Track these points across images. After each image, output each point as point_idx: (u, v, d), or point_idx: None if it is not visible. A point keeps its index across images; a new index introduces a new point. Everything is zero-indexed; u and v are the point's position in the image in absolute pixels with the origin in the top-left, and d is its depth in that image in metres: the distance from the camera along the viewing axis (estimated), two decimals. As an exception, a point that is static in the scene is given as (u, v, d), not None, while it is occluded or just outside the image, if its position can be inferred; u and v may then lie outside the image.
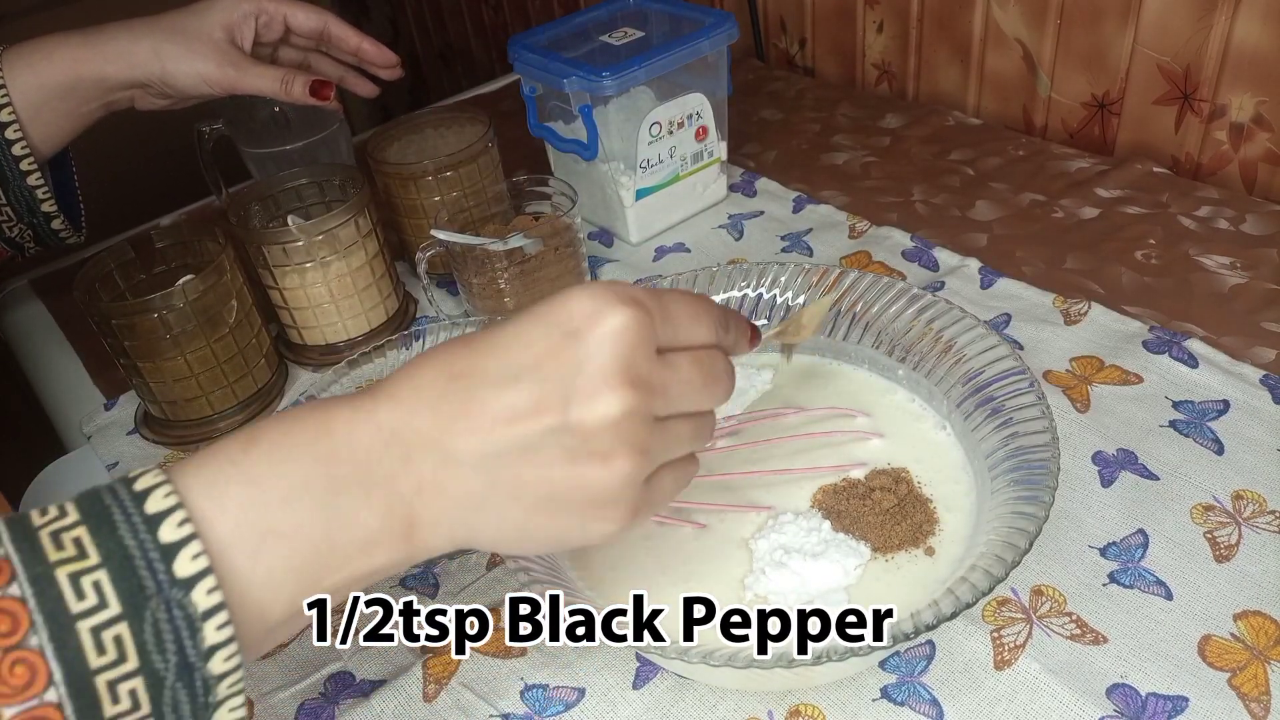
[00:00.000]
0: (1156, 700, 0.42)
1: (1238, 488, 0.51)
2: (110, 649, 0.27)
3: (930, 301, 0.51)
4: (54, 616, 0.27)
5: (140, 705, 0.28)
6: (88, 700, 0.27)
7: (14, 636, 0.26)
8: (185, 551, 0.28)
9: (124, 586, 0.28)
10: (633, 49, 0.78)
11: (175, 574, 0.28)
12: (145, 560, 0.28)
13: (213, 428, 0.65)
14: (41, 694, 0.26)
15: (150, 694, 0.28)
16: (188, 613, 0.28)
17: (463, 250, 0.67)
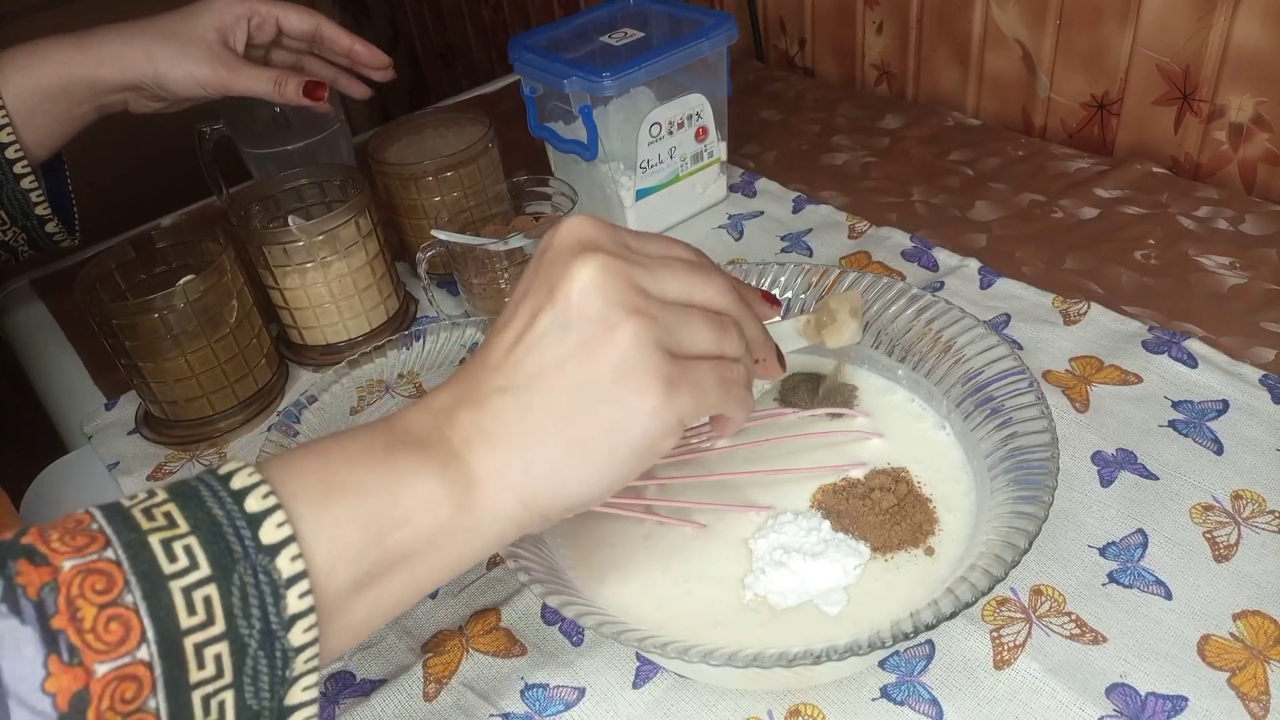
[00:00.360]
0: (1156, 700, 0.42)
1: (1237, 488, 0.51)
2: (200, 609, 0.28)
3: (930, 301, 0.51)
4: (147, 576, 0.28)
5: (224, 673, 0.28)
6: (176, 661, 0.27)
7: (110, 594, 0.27)
8: (270, 520, 0.29)
9: (213, 550, 0.29)
10: (633, 49, 0.78)
11: (261, 540, 0.29)
12: (233, 527, 0.29)
13: (213, 428, 0.65)
14: (134, 651, 0.27)
15: (234, 660, 0.28)
16: (272, 578, 0.29)
17: (463, 250, 0.67)
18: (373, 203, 0.70)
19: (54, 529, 0.28)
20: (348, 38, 0.70)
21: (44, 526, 0.28)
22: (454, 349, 0.70)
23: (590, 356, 0.33)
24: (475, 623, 0.51)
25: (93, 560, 0.27)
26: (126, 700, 0.27)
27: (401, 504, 0.32)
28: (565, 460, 0.34)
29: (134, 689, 0.27)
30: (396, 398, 0.67)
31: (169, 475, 0.64)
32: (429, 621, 0.51)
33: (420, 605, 0.52)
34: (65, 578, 0.27)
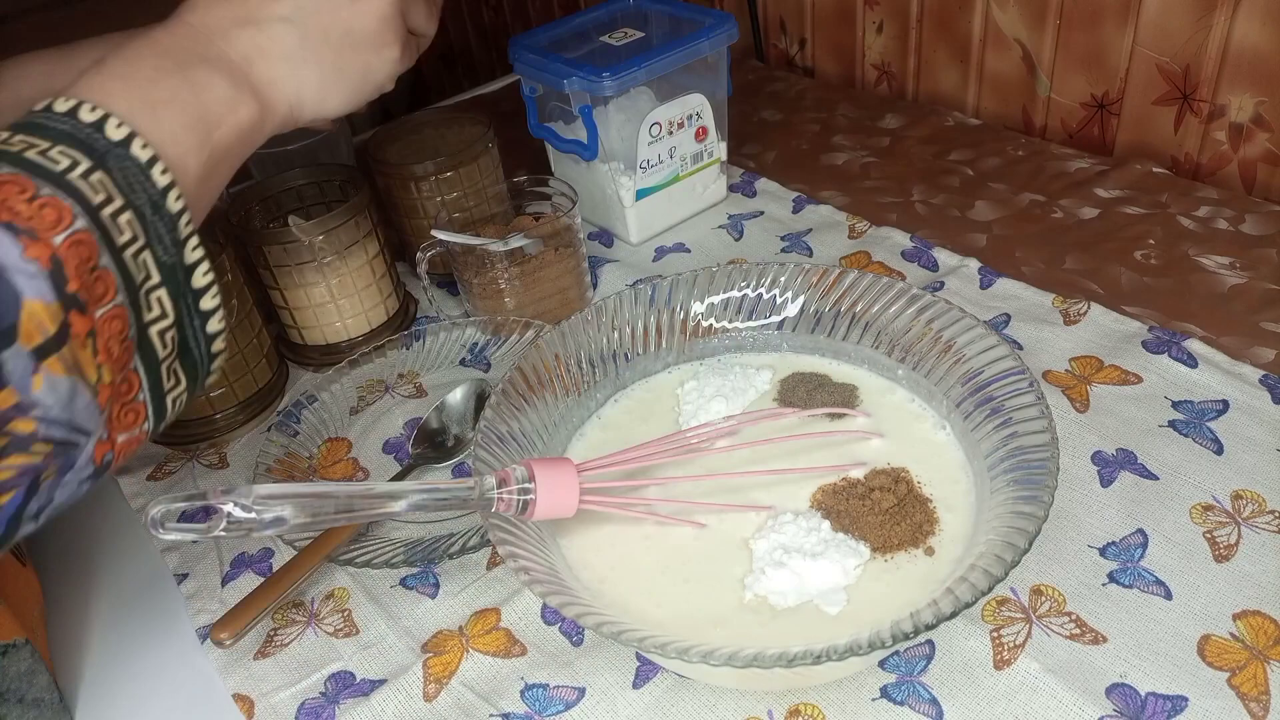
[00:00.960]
0: (1156, 700, 0.42)
1: (1237, 488, 0.51)
2: (100, 190, 0.36)
3: (930, 301, 0.51)
4: (48, 176, 0.35)
5: (138, 236, 0.37)
6: (103, 229, 0.35)
7: (29, 192, 0.34)
8: (108, 124, 0.37)
9: (81, 149, 0.36)
10: (633, 49, 0.78)
11: (110, 138, 0.37)
12: (83, 134, 0.36)
13: (213, 427, 0.65)
14: (72, 225, 0.34)
15: (140, 224, 0.37)
16: (136, 162, 0.37)
17: (463, 250, 0.67)
18: (373, 203, 0.70)
19: None
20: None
21: None
22: (454, 349, 0.70)
23: (360, 12, 0.46)
24: (475, 623, 0.51)
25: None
26: (85, 260, 0.35)
27: (210, 108, 0.41)
28: (329, 84, 0.46)
29: (87, 251, 0.35)
30: (396, 397, 0.67)
31: (169, 475, 0.64)
32: (429, 621, 0.51)
33: (420, 605, 0.52)
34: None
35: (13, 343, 0.32)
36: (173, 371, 0.39)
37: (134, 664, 0.52)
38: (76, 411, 0.34)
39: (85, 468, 0.36)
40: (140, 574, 0.58)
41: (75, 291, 0.34)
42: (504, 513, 0.42)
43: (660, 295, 0.55)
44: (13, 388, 0.32)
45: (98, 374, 0.35)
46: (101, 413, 0.36)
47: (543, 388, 0.51)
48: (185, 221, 0.39)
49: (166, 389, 0.39)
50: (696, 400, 0.53)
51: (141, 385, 0.38)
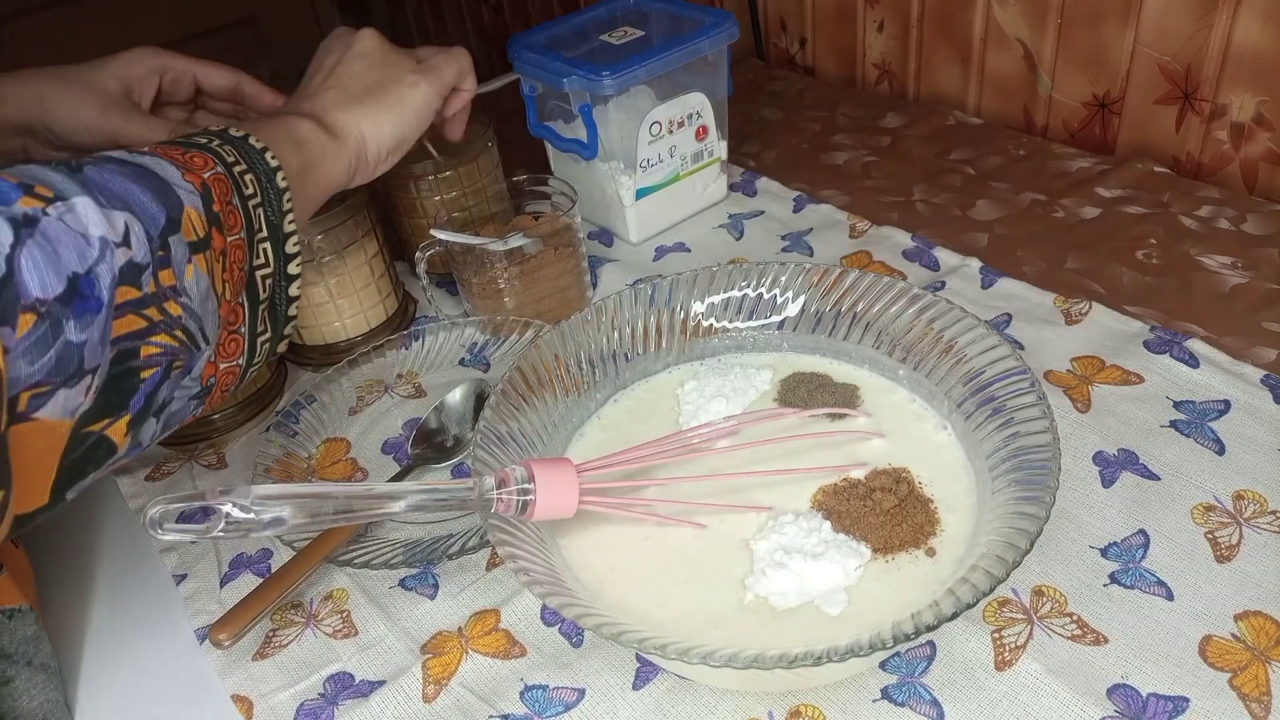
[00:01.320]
0: (1157, 700, 0.42)
1: (1239, 488, 0.51)
2: (232, 155, 0.46)
3: (931, 301, 0.51)
4: (193, 145, 0.46)
5: (257, 193, 0.47)
6: (233, 180, 0.45)
7: (180, 149, 0.45)
8: (230, 128, 0.48)
9: (214, 136, 0.47)
10: (633, 48, 0.78)
11: (233, 134, 0.48)
12: (214, 132, 0.48)
13: (211, 427, 0.65)
14: (214, 168, 0.44)
15: (258, 186, 0.47)
16: (254, 149, 0.48)
17: (463, 250, 0.67)
18: (372, 202, 0.70)
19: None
20: (271, 94, 0.68)
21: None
22: (453, 349, 0.70)
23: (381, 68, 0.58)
24: (475, 624, 0.50)
25: (154, 147, 0.44)
26: (224, 195, 0.44)
27: (297, 134, 0.52)
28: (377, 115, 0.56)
29: (224, 188, 0.44)
30: (395, 397, 0.67)
31: (167, 476, 0.64)
32: (428, 622, 0.51)
33: (419, 606, 0.52)
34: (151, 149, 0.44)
35: (176, 232, 0.41)
36: (264, 316, 0.48)
37: (132, 664, 0.52)
38: (207, 314, 0.42)
39: (196, 380, 0.43)
40: (139, 575, 0.58)
41: (218, 212, 0.43)
42: (504, 513, 0.42)
43: (660, 295, 0.55)
44: (173, 269, 0.40)
45: (222, 288, 0.44)
46: (219, 328, 0.44)
47: (543, 388, 0.51)
48: (287, 199, 0.48)
49: (258, 331, 0.47)
50: (697, 400, 0.53)
51: (244, 319, 0.46)
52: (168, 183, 0.41)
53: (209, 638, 0.48)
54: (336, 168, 0.54)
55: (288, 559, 0.52)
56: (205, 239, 0.42)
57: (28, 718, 0.48)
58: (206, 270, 0.42)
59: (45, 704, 0.49)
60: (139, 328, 0.39)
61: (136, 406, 0.39)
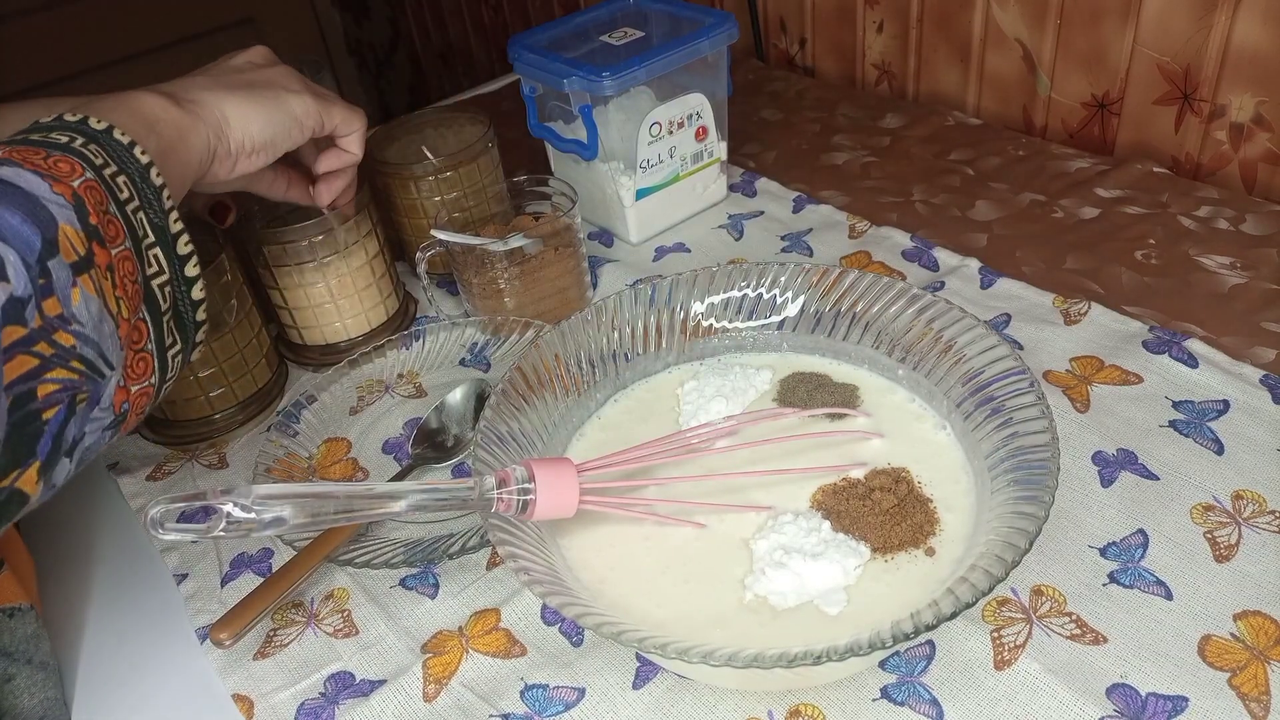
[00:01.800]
0: (1156, 700, 0.42)
1: (1238, 488, 0.51)
2: (99, 156, 0.42)
3: (930, 301, 0.51)
4: (55, 146, 0.41)
5: (134, 196, 0.43)
6: (107, 184, 0.41)
7: (41, 153, 0.40)
8: (91, 120, 0.43)
9: (75, 132, 0.43)
10: (633, 49, 0.78)
11: (94, 128, 0.43)
12: (72, 124, 0.43)
13: (212, 427, 0.65)
14: (84, 175, 0.40)
15: (134, 188, 0.43)
16: (120, 144, 0.43)
17: (463, 250, 0.67)
18: (372, 202, 0.70)
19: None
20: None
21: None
22: (454, 349, 0.70)
23: (263, 70, 0.56)
24: (475, 623, 0.50)
25: (9, 149, 0.39)
26: (100, 204, 0.40)
27: (146, 114, 0.47)
28: (248, 106, 0.52)
29: (99, 196, 0.40)
30: (396, 397, 0.67)
31: (168, 475, 0.64)
32: (429, 622, 0.51)
33: (420, 605, 0.52)
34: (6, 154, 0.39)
35: (55, 254, 0.37)
36: (170, 328, 0.45)
37: (133, 664, 0.52)
38: (104, 337, 0.39)
39: (107, 410, 0.40)
40: (139, 574, 0.58)
41: (96, 225, 0.40)
42: (504, 513, 0.42)
43: (660, 295, 0.55)
44: (57, 297, 0.37)
45: (117, 306, 0.40)
46: (121, 350, 0.40)
47: (543, 388, 0.51)
48: (166, 196, 0.44)
49: (167, 344, 0.44)
50: (696, 400, 0.53)
51: (149, 335, 0.43)
52: (35, 198, 0.37)
53: (210, 637, 0.48)
54: (193, 149, 0.49)
55: (288, 558, 0.52)
56: (87, 256, 0.38)
57: (28, 715, 0.48)
58: (95, 291, 0.38)
59: (45, 702, 0.49)
60: (31, 367, 0.36)
61: (45, 451, 0.37)
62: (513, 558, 0.40)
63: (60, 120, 0.43)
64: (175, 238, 0.45)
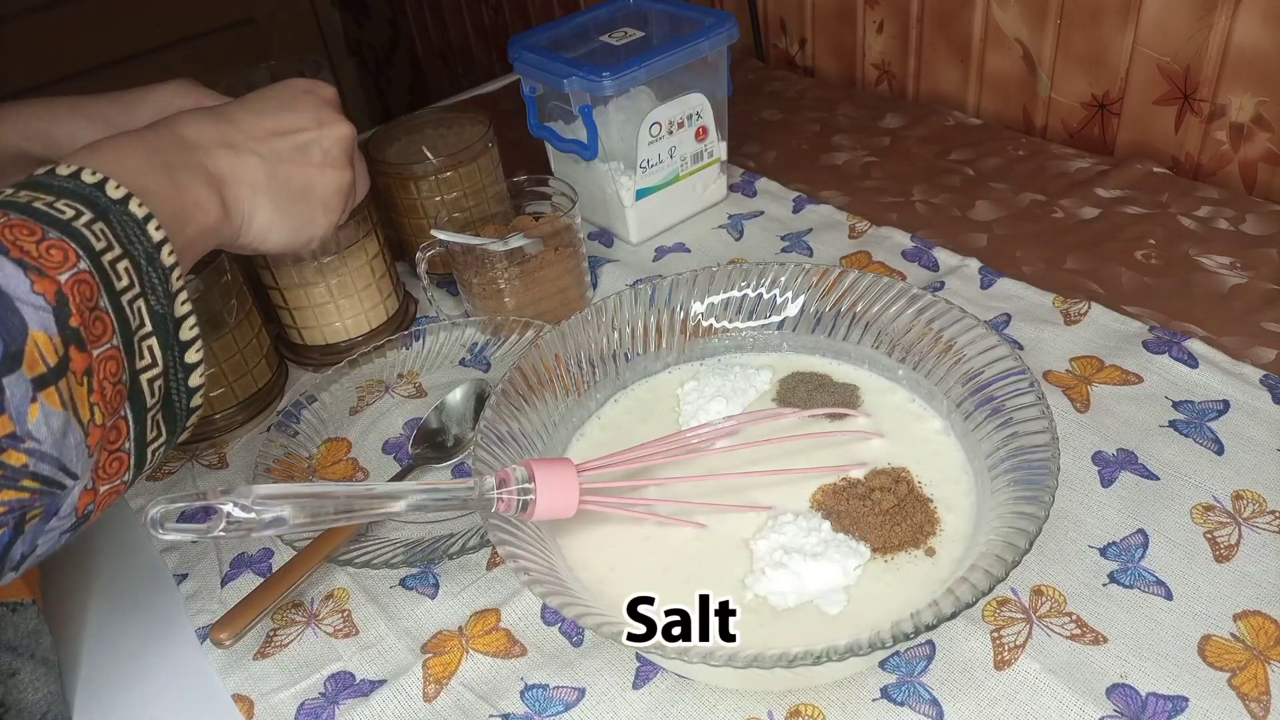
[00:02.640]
0: (1156, 700, 0.42)
1: (1238, 488, 0.51)
2: (102, 238, 0.39)
3: (930, 301, 0.51)
4: (55, 223, 0.37)
5: (135, 283, 0.39)
6: (104, 273, 0.38)
7: (37, 234, 0.36)
8: (108, 185, 0.40)
9: (85, 203, 0.39)
10: (633, 49, 0.78)
11: (110, 196, 0.40)
12: (85, 191, 0.39)
13: (212, 427, 0.65)
14: (77, 265, 0.37)
15: (136, 273, 0.40)
16: (134, 218, 0.40)
17: (463, 250, 0.67)
18: (373, 203, 0.70)
19: None
20: None
21: None
22: (454, 349, 0.70)
23: (324, 177, 0.53)
24: (475, 623, 0.50)
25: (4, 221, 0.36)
26: (88, 299, 0.37)
27: (187, 206, 0.45)
28: (277, 220, 0.51)
29: (89, 290, 0.37)
30: (396, 397, 0.67)
31: (168, 475, 0.64)
32: (429, 622, 0.51)
33: (420, 605, 0.52)
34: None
35: (16, 369, 0.33)
36: (156, 422, 0.41)
37: (133, 664, 0.52)
38: (66, 450, 0.35)
39: (68, 516, 0.37)
40: (139, 574, 0.58)
41: (78, 327, 0.36)
42: (504, 513, 0.42)
43: (660, 295, 0.55)
44: (9, 415, 0.33)
45: (90, 413, 0.36)
46: (90, 456, 0.37)
47: (543, 388, 0.51)
48: (176, 276, 0.42)
49: (149, 439, 0.41)
50: (696, 400, 0.53)
51: (128, 433, 0.40)
52: (8, 300, 0.34)
53: (210, 637, 0.48)
54: (203, 250, 0.47)
55: (289, 558, 0.52)
56: (59, 365, 0.35)
57: (32, 710, 0.48)
58: (60, 403, 0.35)
59: (47, 696, 0.49)
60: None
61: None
62: (513, 558, 0.40)
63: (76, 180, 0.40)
64: (179, 323, 0.42)
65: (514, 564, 0.40)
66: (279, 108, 0.53)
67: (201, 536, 0.37)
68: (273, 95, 0.54)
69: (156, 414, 0.41)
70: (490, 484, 0.42)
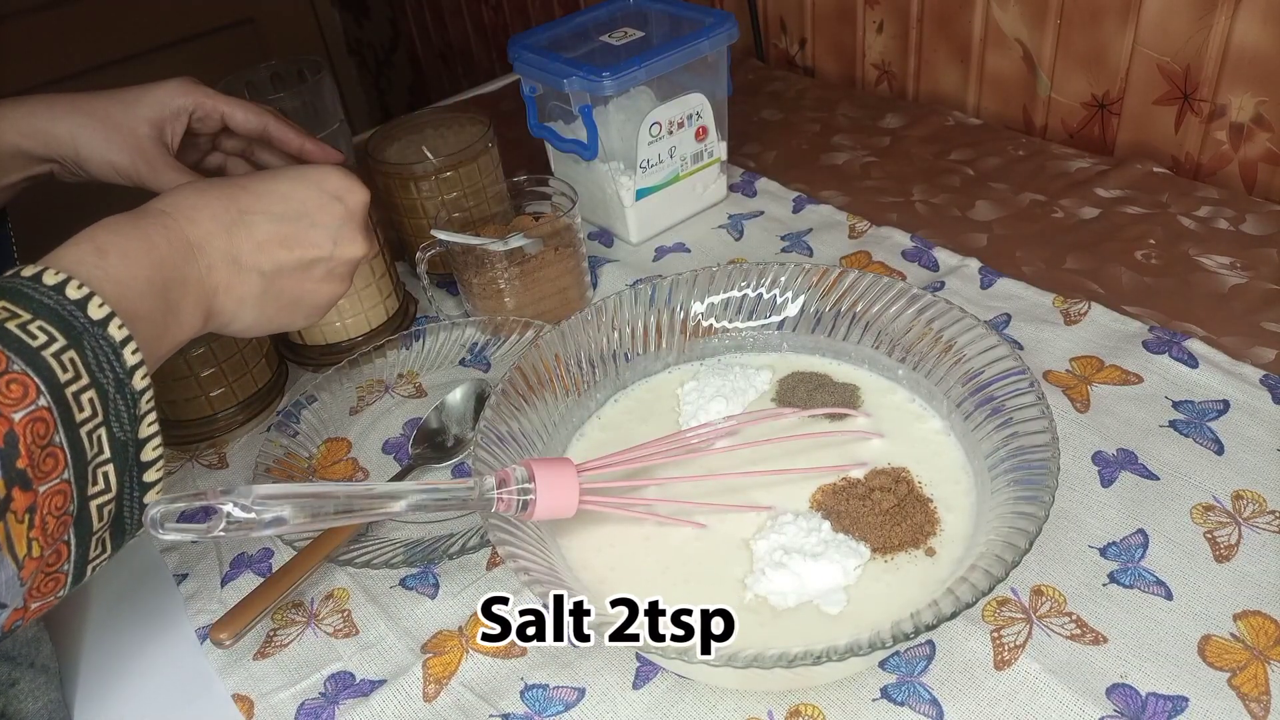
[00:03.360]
0: (1156, 700, 0.42)
1: (1238, 488, 0.51)
2: (69, 368, 0.37)
3: (930, 301, 0.51)
4: (21, 351, 0.36)
5: (98, 413, 0.38)
6: (64, 406, 0.37)
7: (1, 364, 0.35)
8: (91, 303, 0.39)
9: (60, 327, 0.37)
10: (633, 49, 0.78)
11: (91, 317, 0.38)
12: (65, 310, 0.38)
13: (213, 426, 0.65)
14: (36, 400, 0.36)
15: (101, 403, 0.38)
16: (110, 342, 0.39)
17: (463, 250, 0.67)
18: (373, 203, 0.70)
19: None
20: (297, 138, 0.65)
21: None
22: (454, 349, 0.70)
23: (324, 291, 0.51)
24: (475, 623, 0.50)
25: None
26: (40, 437, 0.36)
27: (170, 327, 0.44)
28: (257, 324, 0.49)
29: (44, 428, 0.36)
30: (396, 397, 0.67)
31: (168, 475, 0.64)
32: (429, 622, 0.51)
33: (420, 605, 0.52)
34: None
35: None
36: (101, 541, 0.40)
37: (133, 664, 0.52)
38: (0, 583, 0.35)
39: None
40: (139, 574, 0.58)
41: (24, 468, 0.35)
42: (504, 513, 0.42)
43: (660, 295, 0.55)
44: None
45: (27, 548, 0.36)
46: (23, 585, 0.36)
47: (543, 388, 0.51)
48: (148, 399, 0.40)
49: (92, 557, 0.40)
50: (696, 400, 0.53)
51: (69, 555, 0.39)
52: None
53: (210, 637, 0.48)
54: (183, 338, 0.45)
55: (289, 558, 0.52)
56: (1, 503, 0.34)
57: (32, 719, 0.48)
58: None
59: (48, 705, 0.49)
60: None
61: None
62: (513, 558, 0.40)
63: (59, 296, 0.38)
64: (143, 444, 0.40)
65: (514, 564, 0.40)
66: (299, 216, 0.49)
67: (201, 536, 0.37)
68: (299, 197, 0.50)
69: (103, 534, 0.40)
70: (490, 484, 0.42)
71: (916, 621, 0.36)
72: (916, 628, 0.36)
